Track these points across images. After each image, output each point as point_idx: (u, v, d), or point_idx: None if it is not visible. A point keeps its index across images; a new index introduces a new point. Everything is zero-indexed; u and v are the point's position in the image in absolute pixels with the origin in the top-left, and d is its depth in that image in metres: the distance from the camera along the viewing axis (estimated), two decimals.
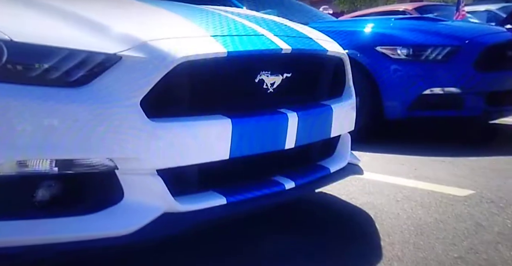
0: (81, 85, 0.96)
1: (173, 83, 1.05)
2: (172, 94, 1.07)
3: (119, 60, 0.99)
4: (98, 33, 1.04)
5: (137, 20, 1.23)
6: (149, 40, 1.05)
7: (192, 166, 1.08)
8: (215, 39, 1.17)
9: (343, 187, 1.78)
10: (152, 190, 1.02)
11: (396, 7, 6.44)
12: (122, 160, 0.99)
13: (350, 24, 3.11)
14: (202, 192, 1.13)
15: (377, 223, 1.53)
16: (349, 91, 1.58)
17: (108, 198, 1.00)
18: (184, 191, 1.09)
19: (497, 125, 3.17)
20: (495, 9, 6.05)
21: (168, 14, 1.37)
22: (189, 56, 1.06)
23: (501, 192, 1.81)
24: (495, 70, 2.70)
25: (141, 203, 1.00)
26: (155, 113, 1.02)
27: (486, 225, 1.49)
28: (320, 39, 1.53)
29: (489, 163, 2.26)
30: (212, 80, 1.16)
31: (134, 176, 1.01)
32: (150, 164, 1.01)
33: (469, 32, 2.87)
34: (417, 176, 2.09)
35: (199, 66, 1.10)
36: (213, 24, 1.30)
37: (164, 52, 1.03)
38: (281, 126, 1.25)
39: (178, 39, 1.12)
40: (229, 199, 1.13)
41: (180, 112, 1.08)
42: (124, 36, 1.05)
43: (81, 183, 1.00)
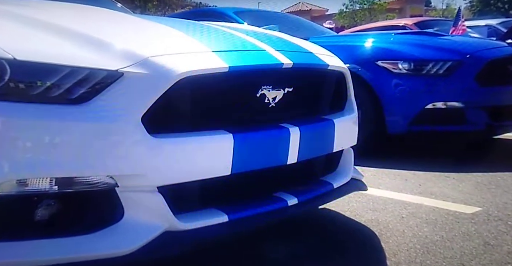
0: (83, 103, 0.98)
1: (174, 99, 1.07)
2: (174, 110, 1.09)
3: (120, 77, 1.01)
4: (99, 50, 1.06)
5: (138, 37, 1.26)
6: (151, 56, 1.07)
7: (193, 183, 1.08)
8: (217, 54, 1.19)
9: (346, 203, 1.77)
10: (152, 207, 1.02)
11: (396, 22, 6.55)
12: (122, 177, 0.99)
13: (351, 39, 3.16)
14: (203, 209, 1.12)
15: (383, 241, 1.52)
16: (351, 106, 1.59)
17: (108, 217, 1.00)
18: (185, 208, 1.09)
19: (502, 140, 3.18)
20: (496, 24, 6.16)
21: (169, 30, 1.40)
22: (190, 71, 1.07)
23: (508, 209, 1.81)
24: (497, 85, 2.73)
25: (142, 221, 1.00)
26: (156, 129, 1.03)
27: (495, 244, 1.47)
28: (321, 53, 1.55)
29: (495, 179, 2.26)
30: (213, 95, 1.17)
31: (134, 194, 1.00)
32: (150, 181, 1.01)
33: (470, 46, 2.91)
34: (421, 192, 2.08)
35: (201, 81, 1.11)
36: (214, 40, 1.33)
37: (165, 68, 1.05)
38: (283, 141, 1.26)
39: (179, 55, 1.13)
40: (230, 217, 1.12)
41: (182, 128, 1.09)
42: (125, 52, 1.07)
43: (81, 202, 1.00)
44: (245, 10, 4.02)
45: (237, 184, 1.19)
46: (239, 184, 1.20)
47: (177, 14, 5.75)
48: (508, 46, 3.32)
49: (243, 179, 1.19)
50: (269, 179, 1.29)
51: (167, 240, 1.01)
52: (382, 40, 2.96)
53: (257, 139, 1.21)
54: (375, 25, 6.63)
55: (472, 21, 6.66)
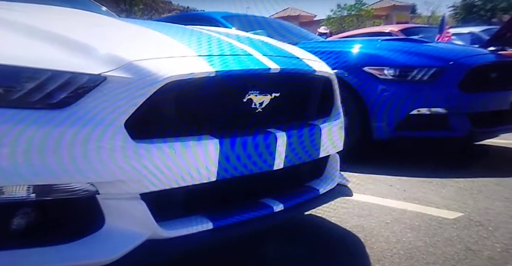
0: (64, 107, 0.94)
1: (159, 104, 1.04)
2: (159, 115, 1.06)
3: (103, 81, 0.98)
4: (82, 54, 1.03)
5: (122, 40, 1.22)
6: (135, 60, 1.04)
7: (177, 189, 1.05)
8: (203, 58, 1.17)
9: (332, 209, 1.77)
10: (134, 215, 0.98)
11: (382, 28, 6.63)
12: (104, 184, 0.96)
13: (338, 45, 3.16)
14: (188, 216, 1.09)
15: (367, 247, 1.51)
16: (337, 111, 1.58)
17: (88, 225, 0.96)
18: (168, 216, 1.06)
19: (485, 146, 3.22)
20: (478, 31, 6.28)
21: (154, 34, 1.37)
22: (176, 76, 1.05)
23: (489, 214, 1.82)
24: (480, 92, 2.76)
25: (123, 229, 0.96)
26: (140, 135, 1.00)
27: (476, 249, 1.48)
28: (308, 59, 1.55)
29: (477, 185, 2.28)
30: (200, 100, 1.14)
31: (116, 201, 0.97)
32: (133, 187, 0.98)
33: (453, 53, 2.94)
34: (406, 197, 2.09)
35: (187, 86, 1.09)
36: (200, 44, 1.30)
37: (150, 72, 1.02)
38: (270, 147, 1.24)
39: (165, 59, 1.11)
40: (215, 224, 1.10)
41: (167, 133, 1.06)
42: (109, 56, 1.04)
43: (60, 210, 0.96)
44: (233, 14, 4.00)
45: (222, 190, 1.17)
46: (224, 190, 1.18)
47: (163, 18, 5.65)
48: (490, 53, 3.37)
49: (228, 185, 1.17)
50: (255, 185, 1.27)
51: (150, 249, 0.98)
52: (368, 46, 2.97)
53: (244, 144, 1.18)
54: (362, 31, 6.69)
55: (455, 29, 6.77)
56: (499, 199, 2.03)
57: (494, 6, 28.95)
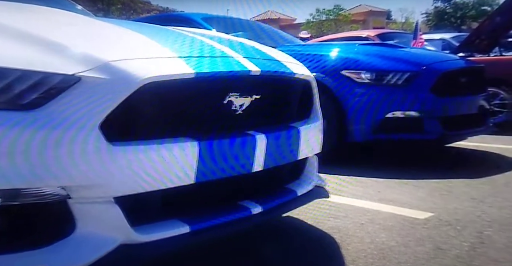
0: (34, 108, 0.89)
1: (136, 106, 1.00)
2: (136, 116, 1.02)
3: (77, 82, 0.93)
4: (55, 53, 0.97)
5: (99, 40, 1.17)
6: (112, 61, 0.99)
7: (154, 192, 1.01)
8: (183, 60, 1.13)
9: (309, 211, 1.76)
10: (108, 219, 0.94)
11: (359, 33, 6.71)
12: (76, 188, 0.91)
13: (317, 48, 3.17)
14: (164, 220, 1.05)
15: (342, 248, 1.51)
16: (316, 114, 1.58)
17: (58, 231, 0.91)
18: (144, 220, 1.01)
19: (454, 148, 3.30)
20: (449, 38, 6.44)
21: (133, 35, 1.32)
22: (154, 77, 1.01)
23: (457, 214, 1.86)
24: (450, 96, 2.82)
25: (96, 234, 0.92)
26: (116, 137, 0.95)
27: (445, 248, 1.50)
28: (288, 62, 1.53)
29: (447, 185, 2.32)
30: (179, 102, 1.11)
31: (88, 205, 0.92)
32: (107, 191, 0.94)
33: (426, 59, 3.00)
34: (380, 198, 2.11)
35: (165, 87, 1.05)
36: (180, 45, 1.27)
37: (127, 73, 0.98)
38: (249, 149, 1.22)
39: (143, 60, 1.07)
40: (192, 227, 1.06)
41: (144, 135, 1.02)
42: (85, 56, 0.99)
43: (28, 215, 0.90)
44: (213, 16, 3.93)
45: (200, 193, 1.14)
46: (202, 192, 1.14)
47: (142, 18, 5.45)
48: (460, 59, 3.46)
49: (207, 187, 1.13)
50: (233, 187, 1.24)
51: (124, 254, 0.94)
52: (346, 51, 2.99)
53: (223, 146, 1.16)
54: (340, 36, 6.76)
55: (428, 35, 6.94)
56: (467, 199, 2.07)
57: (464, 14, 29.93)
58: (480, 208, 1.93)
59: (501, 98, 4.37)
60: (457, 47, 5.20)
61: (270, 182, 1.39)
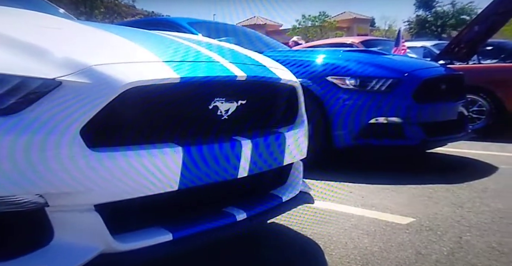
0: (13, 113, 0.85)
1: (119, 111, 0.96)
2: (119, 122, 0.98)
3: (58, 86, 0.89)
4: (36, 58, 0.93)
5: (81, 44, 1.13)
6: (94, 65, 0.96)
7: (136, 199, 0.98)
8: (168, 64, 1.10)
9: (294, 217, 1.75)
10: (87, 228, 0.90)
11: (344, 39, 6.77)
12: (54, 195, 0.87)
13: (303, 54, 3.17)
14: (146, 227, 1.02)
15: (326, 254, 1.50)
16: (301, 119, 1.57)
17: (34, 240, 0.87)
18: (125, 228, 0.98)
19: (435, 154, 3.34)
20: (430, 45, 6.56)
21: (117, 39, 1.28)
22: (138, 82, 0.98)
23: (437, 219, 1.87)
24: (431, 102, 2.86)
25: (74, 243, 0.88)
26: (97, 143, 0.92)
27: (425, 253, 1.51)
28: (274, 67, 1.52)
29: (427, 191, 2.34)
30: (163, 107, 1.08)
31: (67, 213, 0.88)
32: (87, 199, 0.90)
33: (408, 66, 3.03)
34: (364, 204, 2.11)
35: (150, 92, 1.02)
36: (165, 50, 1.24)
37: (110, 78, 0.94)
38: (235, 155, 1.19)
39: (127, 64, 1.03)
40: (175, 235, 1.03)
41: (127, 141, 0.98)
42: (66, 60, 0.95)
43: (2, 224, 0.85)
44: (199, 21, 3.87)
45: (184, 200, 1.11)
46: (186, 199, 1.12)
47: (126, 22, 5.26)
48: (440, 67, 3.52)
49: (191, 194, 1.11)
50: (218, 194, 1.22)
51: (104, 263, 0.90)
52: (332, 57, 3.00)
53: (208, 152, 1.13)
54: (325, 42, 6.81)
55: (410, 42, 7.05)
56: (447, 204, 2.09)
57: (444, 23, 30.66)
58: (459, 213, 1.95)
59: (479, 105, 4.46)
60: (437, 55, 5.30)
61: (255, 188, 1.37)
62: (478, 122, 4.43)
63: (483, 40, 4.96)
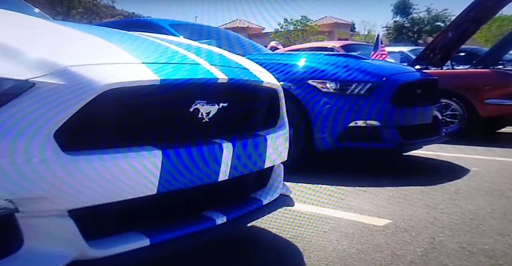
0: None
1: (96, 113, 0.93)
2: (95, 124, 0.94)
3: (31, 87, 0.85)
4: (8, 58, 0.89)
5: (57, 45, 1.08)
6: (70, 66, 0.91)
7: (112, 204, 0.94)
8: (147, 66, 1.07)
9: (274, 220, 1.74)
10: (60, 234, 0.86)
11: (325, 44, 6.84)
12: (26, 200, 0.82)
13: (285, 58, 3.17)
14: (122, 233, 0.98)
15: (305, 256, 1.49)
16: (283, 122, 1.56)
17: (2, 247, 0.81)
18: (100, 233, 0.94)
19: (411, 157, 3.40)
20: (407, 51, 6.70)
21: (94, 39, 1.24)
22: (116, 83, 0.94)
23: (412, 221, 1.89)
24: (408, 106, 2.91)
25: (46, 250, 0.83)
26: (73, 146, 0.88)
27: (401, 254, 1.52)
28: (256, 70, 1.50)
29: (403, 193, 2.38)
30: (142, 109, 1.05)
31: (38, 219, 0.84)
32: (60, 204, 0.86)
33: (386, 70, 3.07)
34: (342, 206, 2.12)
35: (128, 94, 0.98)
36: (145, 51, 1.20)
37: (87, 79, 0.90)
38: (215, 158, 1.17)
39: (104, 65, 0.99)
40: (153, 240, 1.00)
41: (104, 144, 0.95)
42: (40, 61, 0.91)
43: None
44: (181, 23, 3.80)
45: (162, 204, 1.08)
46: (165, 203, 1.08)
47: (105, 23, 5.06)
48: (416, 72, 3.59)
49: (170, 198, 1.08)
50: (197, 197, 1.19)
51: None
52: (313, 61, 3.01)
53: (188, 155, 1.10)
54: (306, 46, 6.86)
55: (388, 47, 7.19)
56: (421, 206, 2.13)
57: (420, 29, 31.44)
58: (433, 215, 1.98)
59: (453, 109, 4.58)
60: (413, 60, 5.42)
61: (235, 191, 1.35)
62: (452, 126, 4.54)
63: (456, 47, 5.11)
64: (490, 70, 4.71)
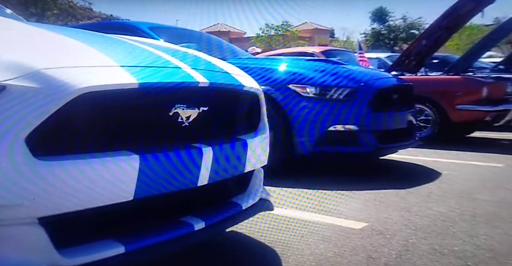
0: None
1: (71, 117, 0.88)
2: (70, 129, 0.90)
3: (1, 91, 0.80)
4: None
5: (30, 47, 1.03)
6: (44, 69, 0.87)
7: (86, 211, 0.90)
8: (125, 69, 1.03)
9: (253, 224, 1.72)
10: (29, 243, 0.81)
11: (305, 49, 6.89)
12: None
13: (266, 62, 3.16)
14: (96, 240, 0.94)
15: (283, 261, 1.48)
16: (263, 126, 1.54)
17: None
18: (73, 241, 0.89)
19: (386, 161, 3.45)
20: (384, 57, 6.85)
21: (70, 41, 1.19)
22: (92, 87, 0.90)
23: (387, 223, 1.91)
24: (384, 111, 2.95)
25: (14, 260, 0.79)
26: (46, 151, 0.84)
27: (376, 256, 1.53)
28: (237, 74, 1.49)
29: (379, 196, 2.41)
30: (120, 113, 1.01)
31: (7, 228, 0.79)
32: (30, 211, 0.81)
33: (364, 76, 3.10)
34: (321, 210, 2.12)
35: (105, 98, 0.95)
36: (123, 54, 1.16)
37: (62, 82, 0.86)
38: (195, 162, 1.14)
39: (80, 68, 0.95)
40: (128, 247, 0.96)
41: (79, 149, 0.90)
42: (12, 63, 0.86)
43: None
44: (161, 26, 3.71)
45: (140, 210, 1.04)
46: (142, 209, 1.05)
47: (82, 25, 4.89)
48: (393, 77, 3.66)
49: (147, 204, 1.04)
50: (176, 203, 1.15)
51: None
52: (294, 65, 3.01)
53: (167, 160, 1.07)
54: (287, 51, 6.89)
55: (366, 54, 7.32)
56: (396, 209, 2.16)
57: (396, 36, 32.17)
58: (406, 217, 2.01)
59: (426, 114, 4.69)
60: (390, 66, 5.53)
61: (215, 196, 1.33)
62: (425, 131, 4.65)
63: (430, 54, 5.25)
64: (461, 77, 4.86)
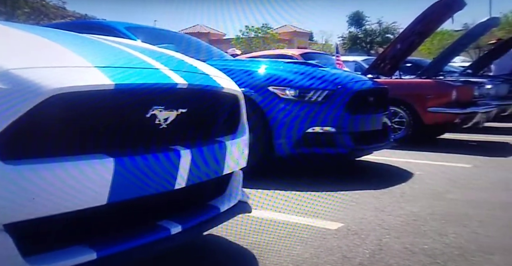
0: None
1: (43, 119, 0.84)
2: (42, 131, 0.86)
3: None
4: None
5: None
6: (12, 69, 0.82)
7: (56, 216, 0.86)
8: (100, 70, 0.99)
9: (231, 227, 1.69)
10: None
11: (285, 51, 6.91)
12: None
13: (246, 64, 3.14)
14: (67, 247, 0.90)
15: (261, 263, 1.47)
16: (243, 128, 1.52)
17: None
18: (42, 248, 0.85)
19: (362, 162, 3.49)
20: (360, 60, 6.97)
21: (41, 41, 1.13)
22: (64, 88, 0.86)
23: (362, 224, 1.93)
24: (360, 113, 2.99)
25: None
26: (14, 155, 0.79)
27: (350, 256, 1.55)
28: (217, 76, 1.46)
29: (355, 197, 2.43)
30: (94, 115, 0.97)
31: None
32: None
33: (342, 78, 3.12)
34: (298, 211, 2.12)
35: (79, 99, 0.90)
36: (99, 55, 1.12)
37: (32, 83, 0.82)
38: (172, 165, 1.11)
39: (52, 68, 0.90)
40: (100, 253, 0.92)
41: (50, 152, 0.86)
42: None
43: None
44: (138, 26, 3.61)
45: (114, 214, 1.00)
46: (116, 214, 1.01)
47: (55, 24, 4.65)
48: (369, 80, 3.72)
49: (121, 208, 1.00)
50: (152, 206, 1.12)
51: None
52: (273, 68, 3.00)
53: (144, 163, 1.04)
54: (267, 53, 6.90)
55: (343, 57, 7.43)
56: (371, 209, 2.19)
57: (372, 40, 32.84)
58: (380, 217, 2.04)
59: (400, 116, 4.80)
60: (366, 69, 5.63)
61: (192, 199, 1.30)
62: (399, 132, 4.76)
63: (404, 57, 5.37)
64: (433, 81, 5.00)
